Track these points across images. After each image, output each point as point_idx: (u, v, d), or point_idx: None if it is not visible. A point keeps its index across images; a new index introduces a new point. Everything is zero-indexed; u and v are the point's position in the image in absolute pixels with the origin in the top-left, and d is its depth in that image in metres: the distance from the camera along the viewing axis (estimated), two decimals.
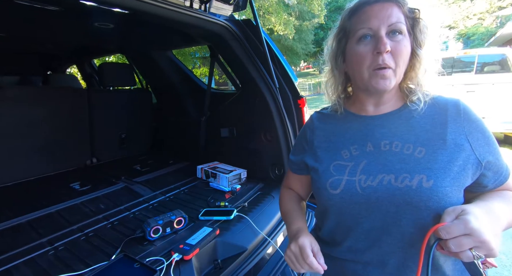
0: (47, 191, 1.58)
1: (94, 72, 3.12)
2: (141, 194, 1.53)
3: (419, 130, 0.56)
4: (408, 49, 0.54)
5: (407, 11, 0.54)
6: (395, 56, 0.52)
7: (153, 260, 0.91)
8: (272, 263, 1.05)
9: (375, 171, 0.55)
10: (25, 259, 0.94)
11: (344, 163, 0.59)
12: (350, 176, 0.57)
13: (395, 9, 0.53)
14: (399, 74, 0.54)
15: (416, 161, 0.53)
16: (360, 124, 0.61)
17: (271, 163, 1.63)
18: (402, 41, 0.53)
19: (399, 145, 0.55)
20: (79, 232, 1.12)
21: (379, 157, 0.56)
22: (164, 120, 2.43)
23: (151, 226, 1.04)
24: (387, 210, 0.53)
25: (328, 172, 0.60)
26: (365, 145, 0.59)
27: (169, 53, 2.24)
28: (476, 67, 4.84)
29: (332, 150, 0.62)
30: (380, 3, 0.53)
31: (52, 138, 1.82)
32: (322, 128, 0.67)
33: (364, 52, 0.54)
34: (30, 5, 1.24)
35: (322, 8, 11.66)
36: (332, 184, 0.58)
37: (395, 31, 0.53)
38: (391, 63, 0.52)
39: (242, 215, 1.21)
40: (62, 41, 2.22)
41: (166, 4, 1.12)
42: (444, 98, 0.58)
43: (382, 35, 0.52)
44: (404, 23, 0.53)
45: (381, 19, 0.52)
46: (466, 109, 0.55)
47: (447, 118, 0.55)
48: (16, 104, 1.65)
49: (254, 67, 1.54)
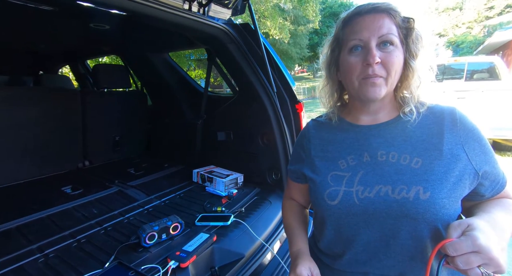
0: (38, 194, 1.52)
1: (88, 73, 3.07)
2: (135, 198, 1.50)
3: (415, 140, 0.55)
4: (400, 59, 0.54)
5: (400, 21, 0.54)
6: (386, 66, 0.53)
7: (149, 268, 0.88)
8: (270, 270, 1.04)
9: (372, 182, 0.55)
10: (14, 267, 0.89)
11: (342, 173, 0.59)
12: (348, 187, 0.56)
13: (387, 20, 0.53)
14: (391, 83, 0.54)
15: (413, 172, 0.52)
16: (357, 134, 0.61)
17: (268, 167, 1.62)
18: (393, 52, 0.53)
19: (396, 155, 0.55)
20: (71, 238, 1.08)
21: (376, 168, 0.56)
22: (159, 123, 2.39)
23: (146, 232, 1.01)
24: (385, 222, 0.53)
25: (326, 182, 0.59)
26: (362, 155, 0.58)
27: (165, 55, 2.22)
28: (466, 75, 4.98)
29: (330, 159, 0.62)
30: (371, 14, 0.54)
31: (43, 140, 1.77)
32: (318, 137, 0.67)
33: (355, 62, 0.55)
34: (23, 5, 1.21)
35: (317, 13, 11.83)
36: (329, 194, 0.58)
37: (386, 42, 0.53)
38: (382, 73, 0.53)
39: (240, 221, 1.19)
40: (56, 41, 2.18)
41: (164, 6, 1.11)
42: (440, 107, 0.58)
43: (372, 47, 0.53)
44: (395, 34, 0.53)
45: (371, 31, 0.53)
46: (463, 118, 0.55)
47: (443, 128, 0.54)
48: (6, 105, 1.60)
49: (251, 71, 1.54)
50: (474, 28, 23.21)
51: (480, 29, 22.17)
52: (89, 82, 3.04)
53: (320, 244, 0.66)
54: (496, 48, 11.40)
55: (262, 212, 1.33)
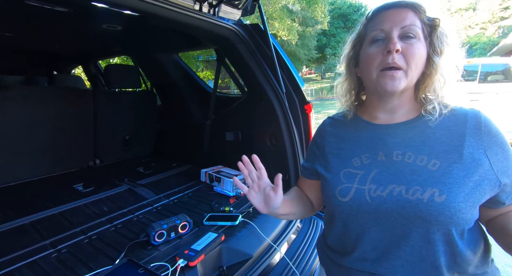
0: (50, 191, 1.56)
1: (99, 73, 3.14)
2: (144, 196, 1.51)
3: (434, 142, 0.54)
4: (421, 53, 0.53)
5: (425, 19, 0.53)
6: (407, 57, 0.52)
7: (158, 266, 0.89)
8: (278, 271, 1.03)
9: (385, 181, 0.54)
10: (28, 261, 0.92)
11: (355, 170, 0.58)
12: (360, 185, 0.56)
13: (410, 13, 0.53)
14: (411, 77, 0.53)
15: (430, 173, 0.51)
16: (373, 132, 0.60)
17: (276, 168, 1.61)
18: (415, 44, 0.52)
19: (412, 156, 0.54)
20: (82, 235, 1.10)
21: (390, 167, 0.55)
22: (168, 123, 2.42)
23: (155, 230, 1.02)
24: (397, 222, 0.52)
25: (338, 179, 0.59)
26: (376, 153, 0.57)
27: (175, 56, 2.24)
28: (479, 77, 4.85)
29: (343, 157, 0.62)
30: (395, 9, 0.53)
31: (56, 138, 1.82)
32: (333, 135, 0.66)
33: (375, 52, 0.54)
34: (40, 6, 1.24)
35: (326, 14, 11.76)
36: (341, 191, 0.57)
37: (408, 33, 0.52)
38: (402, 64, 0.52)
39: (247, 221, 1.19)
40: (69, 42, 2.23)
41: (175, 7, 1.12)
42: (463, 110, 0.55)
43: (393, 36, 0.52)
44: (419, 27, 0.52)
45: (394, 22, 0.53)
46: (487, 122, 0.53)
47: (465, 131, 0.52)
48: (22, 104, 1.65)
49: (261, 72, 1.54)
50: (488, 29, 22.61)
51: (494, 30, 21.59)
52: (101, 82, 3.11)
53: (328, 240, 0.66)
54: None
55: None
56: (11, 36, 1.87)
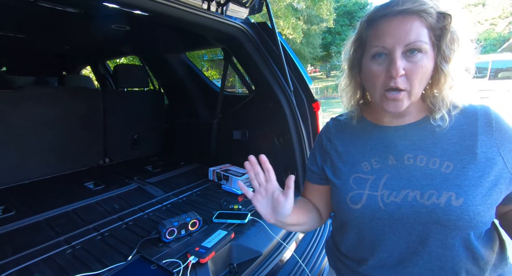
0: (63, 189, 1.60)
1: (108, 73, 3.18)
2: (154, 194, 1.53)
3: (445, 143, 0.52)
4: (427, 68, 0.49)
5: (434, 22, 0.48)
6: (410, 78, 0.48)
7: (169, 262, 0.90)
8: (288, 269, 1.03)
9: (398, 186, 0.52)
10: (44, 257, 0.94)
11: (365, 176, 0.56)
12: (372, 191, 0.54)
13: (416, 23, 0.47)
14: (415, 95, 0.50)
15: (444, 176, 0.49)
16: (381, 135, 0.58)
17: (284, 167, 1.61)
18: (421, 61, 0.48)
19: (424, 159, 0.52)
20: (95, 232, 1.12)
21: (402, 171, 0.53)
22: (176, 122, 2.44)
23: (166, 228, 1.04)
24: (413, 228, 0.50)
25: (348, 185, 0.57)
26: (387, 157, 0.55)
27: (182, 55, 2.26)
28: (489, 73, 4.75)
29: (352, 161, 0.59)
30: (400, 17, 0.48)
31: (67, 137, 1.85)
32: (340, 138, 0.63)
33: (378, 71, 0.50)
34: (51, 7, 1.27)
35: (331, 12, 11.62)
36: (352, 198, 0.55)
37: (413, 49, 0.48)
38: (405, 86, 0.49)
39: (256, 219, 1.20)
40: (79, 42, 2.27)
41: (184, 6, 1.13)
42: (473, 107, 0.54)
43: (396, 57, 0.48)
44: (425, 40, 0.48)
45: (397, 38, 0.48)
46: (498, 118, 0.51)
47: (477, 129, 0.51)
48: (34, 104, 1.69)
49: (268, 70, 1.54)
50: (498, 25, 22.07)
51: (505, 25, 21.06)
52: (109, 82, 3.15)
53: (342, 247, 0.63)
54: None
55: None
56: (23, 38, 1.91)
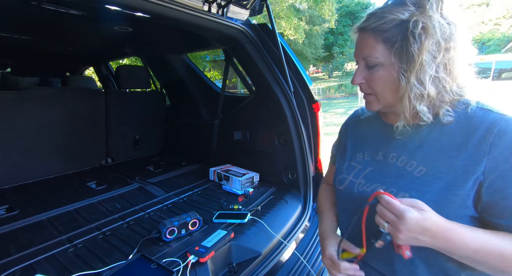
0: (65, 189, 1.62)
1: (110, 74, 3.21)
2: (155, 194, 1.55)
3: (430, 149, 0.52)
4: (386, 77, 0.52)
5: (390, 36, 0.50)
6: (371, 85, 0.56)
7: (170, 261, 0.91)
8: (287, 268, 1.04)
9: (374, 179, 0.59)
10: (47, 255, 0.96)
11: (355, 164, 0.64)
12: (354, 178, 0.62)
13: (370, 40, 0.52)
14: (384, 98, 0.56)
15: (412, 179, 0.52)
16: (383, 131, 0.62)
17: (284, 167, 1.62)
18: (376, 72, 0.53)
19: (405, 160, 0.55)
20: (97, 231, 1.14)
21: (383, 168, 0.58)
22: (177, 122, 2.46)
23: (167, 227, 1.05)
24: (371, 217, 0.52)
25: (341, 169, 0.67)
26: (377, 153, 0.61)
27: (184, 56, 2.28)
28: (493, 74, 4.71)
29: (353, 150, 0.67)
30: (361, 33, 0.55)
31: (70, 138, 1.88)
32: (354, 129, 0.71)
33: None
34: (55, 10, 1.29)
35: (333, 13, 11.61)
36: (339, 180, 0.65)
37: (369, 63, 0.54)
38: (369, 91, 0.57)
39: (256, 219, 1.20)
40: (82, 44, 2.30)
41: (185, 8, 1.14)
42: (485, 114, 0.49)
43: (357, 69, 0.57)
44: (376, 56, 0.52)
45: (358, 51, 0.56)
46: (505, 132, 0.45)
47: (470, 139, 0.48)
48: (38, 104, 1.71)
49: (269, 71, 1.55)
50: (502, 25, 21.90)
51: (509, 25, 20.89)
52: (111, 83, 3.18)
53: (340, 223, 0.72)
54: None
55: (278, 211, 1.33)
56: (28, 39, 1.94)
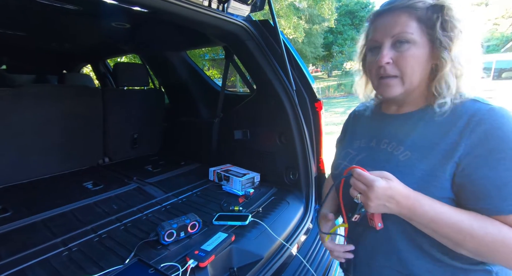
0: (61, 189, 1.57)
1: (108, 72, 3.16)
2: (153, 195, 1.51)
3: (417, 136, 0.56)
4: (418, 56, 0.53)
5: (423, 15, 0.52)
6: (400, 65, 0.54)
7: (168, 266, 0.88)
8: (290, 272, 1.01)
9: (365, 164, 0.59)
10: (40, 259, 0.92)
11: (352, 151, 0.68)
12: (349, 163, 0.66)
13: (403, 18, 0.53)
14: (410, 81, 0.55)
15: (397, 163, 0.56)
16: (380, 121, 0.67)
17: (286, 167, 1.59)
18: (408, 50, 0.53)
19: (394, 145, 0.59)
20: (93, 233, 1.10)
21: (375, 153, 0.62)
22: (176, 121, 2.42)
23: (165, 230, 1.01)
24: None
25: (338, 156, 0.72)
26: (371, 140, 0.65)
27: (183, 54, 2.23)
28: (493, 73, 4.70)
29: (351, 139, 0.72)
30: (389, 13, 0.55)
31: (66, 136, 1.83)
32: (354, 120, 0.76)
33: (371, 62, 0.59)
34: (50, 4, 1.24)
35: (333, 12, 11.59)
36: (336, 165, 0.71)
37: (400, 40, 0.53)
38: (395, 72, 0.55)
39: (258, 221, 1.17)
40: (79, 40, 2.25)
41: (184, 2, 1.10)
42: (471, 104, 0.52)
43: (383, 48, 0.55)
44: (412, 31, 0.52)
45: (384, 32, 0.55)
46: (482, 120, 0.48)
47: (453, 127, 0.51)
48: (34, 102, 1.67)
49: (270, 69, 1.51)
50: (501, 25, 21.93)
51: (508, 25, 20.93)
52: (109, 81, 3.13)
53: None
54: None
55: (280, 212, 1.30)
56: (22, 36, 1.89)
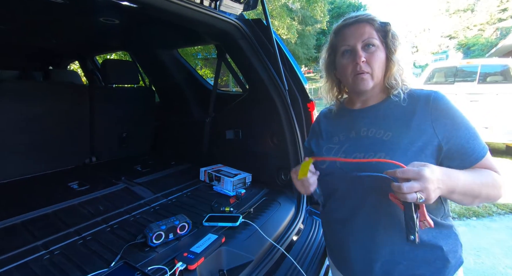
0: (44, 190, 1.51)
1: (97, 69, 3.07)
2: (142, 196, 1.47)
3: (391, 119, 0.68)
4: (381, 57, 0.68)
5: (379, 27, 0.69)
6: (370, 63, 0.67)
7: (155, 269, 0.85)
8: (281, 274, 0.99)
9: (352, 151, 0.70)
10: (18, 263, 0.87)
11: (333, 145, 0.76)
12: (334, 155, 0.73)
13: (367, 27, 0.68)
14: (377, 77, 0.68)
15: (383, 143, 0.66)
16: (351, 117, 0.76)
17: (278, 168, 1.58)
18: (375, 52, 0.67)
19: (374, 130, 0.69)
20: (77, 235, 1.05)
21: (357, 141, 0.71)
22: (166, 120, 2.37)
23: (153, 232, 0.98)
24: (358, 179, 0.65)
25: (321, 153, 0.78)
26: (350, 132, 0.74)
27: (174, 52, 2.19)
28: (478, 77, 4.84)
29: (328, 136, 0.80)
30: (355, 25, 0.69)
31: (51, 135, 1.76)
32: (325, 122, 0.85)
33: (346, 63, 0.70)
34: None
35: (325, 14, 11.73)
36: (322, 161, 0.76)
37: (368, 44, 0.67)
38: (368, 69, 0.67)
39: (249, 222, 1.15)
40: (66, 36, 2.17)
41: None
42: (420, 91, 0.69)
43: (358, 49, 0.67)
44: (375, 37, 0.67)
45: (356, 37, 0.68)
46: (437, 99, 0.64)
47: (416, 107, 0.65)
48: (16, 99, 1.59)
49: (263, 68, 1.49)
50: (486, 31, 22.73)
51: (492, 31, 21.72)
52: (98, 78, 3.04)
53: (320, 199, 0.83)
54: (510, 50, 11.11)
55: (271, 213, 1.29)
56: (3, 29, 1.81)
